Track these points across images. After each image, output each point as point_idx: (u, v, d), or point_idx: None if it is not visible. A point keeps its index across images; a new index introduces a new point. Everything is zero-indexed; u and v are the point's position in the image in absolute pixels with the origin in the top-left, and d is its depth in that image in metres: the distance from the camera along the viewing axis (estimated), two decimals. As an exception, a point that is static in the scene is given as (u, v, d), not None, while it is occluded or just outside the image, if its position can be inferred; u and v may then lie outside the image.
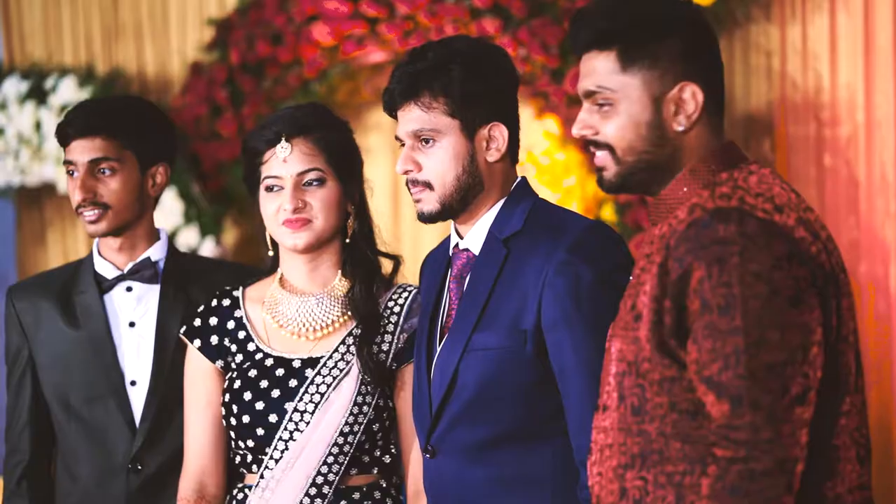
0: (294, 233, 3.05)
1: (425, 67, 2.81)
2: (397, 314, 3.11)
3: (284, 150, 3.06)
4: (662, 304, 2.29)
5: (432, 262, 3.06)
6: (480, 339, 2.79)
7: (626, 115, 2.37)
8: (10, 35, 7.19)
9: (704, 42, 2.43)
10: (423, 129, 2.81)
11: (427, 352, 2.91)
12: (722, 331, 2.20)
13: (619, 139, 2.39)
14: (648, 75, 2.37)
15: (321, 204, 3.07)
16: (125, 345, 3.43)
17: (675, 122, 2.38)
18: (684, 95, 2.38)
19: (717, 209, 2.27)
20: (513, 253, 2.80)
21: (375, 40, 6.35)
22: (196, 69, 6.74)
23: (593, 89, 2.42)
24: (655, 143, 2.38)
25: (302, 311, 3.10)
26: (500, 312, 2.78)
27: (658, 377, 2.31)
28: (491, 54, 2.86)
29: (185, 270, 3.48)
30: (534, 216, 2.84)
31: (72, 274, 3.51)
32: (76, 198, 3.37)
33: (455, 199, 2.82)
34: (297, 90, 6.52)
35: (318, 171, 3.07)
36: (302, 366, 3.07)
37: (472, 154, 2.81)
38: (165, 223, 6.45)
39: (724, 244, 2.21)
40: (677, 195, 2.39)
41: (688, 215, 2.31)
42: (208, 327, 3.18)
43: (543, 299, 2.73)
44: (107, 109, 3.44)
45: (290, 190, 3.05)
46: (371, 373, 3.01)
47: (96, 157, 3.37)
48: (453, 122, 2.81)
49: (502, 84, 2.85)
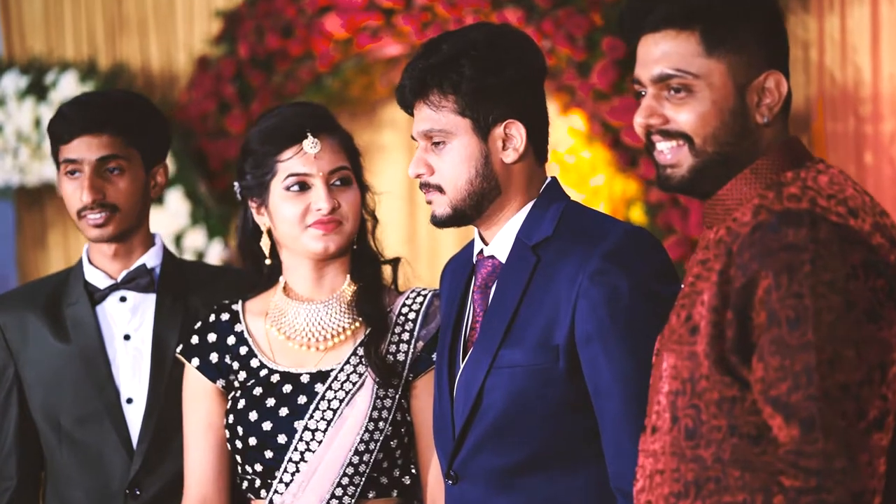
0: (325, 235, 2.99)
1: (436, 63, 2.73)
2: (413, 321, 3.05)
3: (314, 145, 3.00)
4: (723, 316, 2.21)
5: (454, 269, 2.97)
6: (508, 355, 2.71)
7: (710, 101, 2.28)
8: (9, 28, 7.26)
9: (782, 26, 2.35)
10: (433, 130, 2.76)
11: (449, 368, 2.83)
12: (791, 347, 2.13)
13: (700, 127, 2.29)
14: (735, 59, 2.28)
15: (350, 206, 3.02)
16: (120, 359, 3.35)
17: (757, 114, 2.29)
18: (768, 85, 2.29)
19: (785, 211, 2.19)
20: (543, 261, 2.72)
21: (391, 32, 6.36)
22: (203, 63, 6.78)
23: (670, 72, 2.29)
24: (738, 135, 2.30)
25: (310, 319, 3.05)
26: (530, 326, 2.70)
27: (717, 397, 2.23)
28: (509, 43, 2.76)
29: (184, 278, 3.41)
30: (565, 220, 2.76)
31: (60, 284, 3.42)
32: (84, 199, 3.28)
33: (468, 205, 2.76)
34: (308, 85, 6.58)
35: (346, 169, 3.03)
36: (311, 380, 3.00)
37: (486, 155, 2.74)
38: (171, 225, 6.50)
39: (794, 250, 2.14)
40: (737, 195, 2.30)
41: (752, 218, 2.22)
42: (207, 344, 3.11)
43: (577, 312, 2.65)
44: (110, 103, 3.35)
45: (323, 188, 2.98)
46: (382, 375, 2.96)
47: (105, 155, 3.29)
48: (464, 121, 2.74)
49: (519, 77, 2.75)
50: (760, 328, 2.17)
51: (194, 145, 6.62)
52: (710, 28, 2.29)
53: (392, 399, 2.99)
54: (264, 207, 3.05)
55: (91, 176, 3.28)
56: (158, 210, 6.39)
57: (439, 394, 2.85)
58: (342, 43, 6.49)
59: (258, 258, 3.12)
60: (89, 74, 6.76)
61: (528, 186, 2.79)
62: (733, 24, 2.28)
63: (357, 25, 6.39)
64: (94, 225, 3.31)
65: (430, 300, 3.07)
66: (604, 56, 5.98)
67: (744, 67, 2.28)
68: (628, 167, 5.96)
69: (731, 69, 2.28)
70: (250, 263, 3.14)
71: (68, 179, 3.34)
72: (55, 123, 3.33)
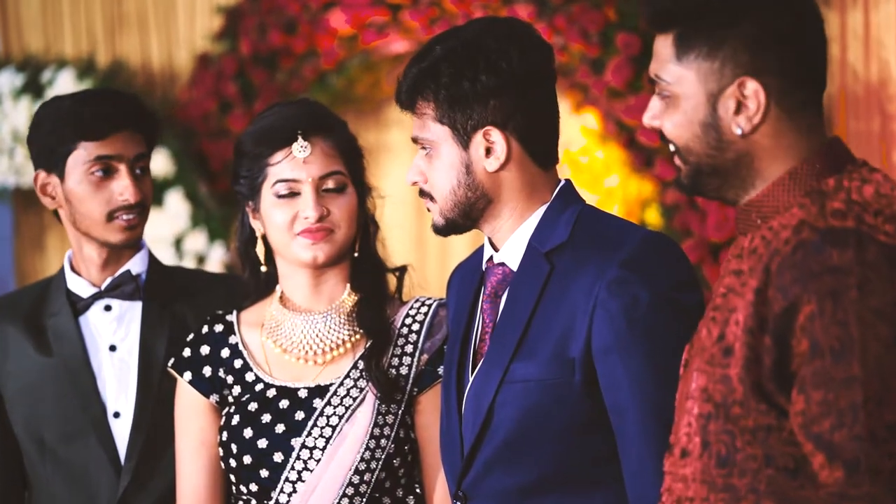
0: (314, 244, 2.95)
1: (421, 68, 2.71)
2: (417, 332, 3.02)
3: (304, 149, 2.95)
4: (760, 341, 2.12)
5: (462, 277, 2.92)
6: (520, 368, 2.66)
7: (681, 111, 2.24)
8: (6, 25, 7.23)
9: (788, 29, 2.20)
10: (419, 138, 2.74)
11: (457, 382, 2.78)
12: (836, 380, 2.05)
13: (676, 137, 2.26)
14: (706, 67, 2.20)
15: (343, 213, 2.98)
16: (105, 372, 3.30)
17: (734, 125, 2.21)
18: (746, 93, 2.20)
19: (829, 230, 2.10)
20: (557, 268, 2.67)
21: (398, 28, 6.36)
22: (204, 61, 6.76)
23: (653, 76, 2.27)
24: (715, 147, 2.23)
25: (308, 331, 3.02)
26: (544, 338, 2.65)
27: (752, 425, 2.15)
28: (496, 44, 2.70)
29: (171, 285, 3.37)
30: (581, 226, 2.71)
31: (41, 294, 3.38)
32: (127, 199, 3.22)
33: (456, 214, 2.74)
34: (313, 83, 6.57)
35: (340, 174, 2.98)
36: (309, 395, 2.97)
37: (467, 164, 2.70)
38: (171, 228, 6.45)
39: (839, 274, 2.06)
40: (772, 202, 2.22)
41: (794, 235, 2.14)
42: (199, 357, 3.07)
43: (594, 323, 2.59)
44: (132, 100, 3.31)
45: (311, 195, 2.94)
46: (384, 390, 2.93)
47: (140, 153, 3.26)
48: (443, 129, 2.71)
49: (498, 81, 2.68)
50: (802, 357, 2.09)
51: (195, 145, 6.60)
52: (683, 33, 2.21)
53: (395, 415, 2.96)
54: (257, 212, 3.03)
55: (130, 175, 3.23)
56: (158, 212, 6.36)
57: (447, 410, 2.80)
58: (347, 39, 6.48)
59: (256, 264, 3.09)
60: (87, 72, 6.76)
61: (531, 192, 2.73)
62: (710, 28, 2.19)
63: (363, 21, 6.39)
64: (128, 226, 3.25)
65: (436, 310, 3.04)
66: (618, 52, 5.99)
67: (715, 75, 2.19)
68: (643, 167, 5.96)
69: (701, 77, 2.20)
70: (248, 270, 3.11)
71: (94, 179, 3.25)
72: (81, 117, 3.23)
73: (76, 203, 3.26)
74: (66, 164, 3.25)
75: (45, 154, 3.28)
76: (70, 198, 3.27)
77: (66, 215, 3.31)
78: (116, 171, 3.25)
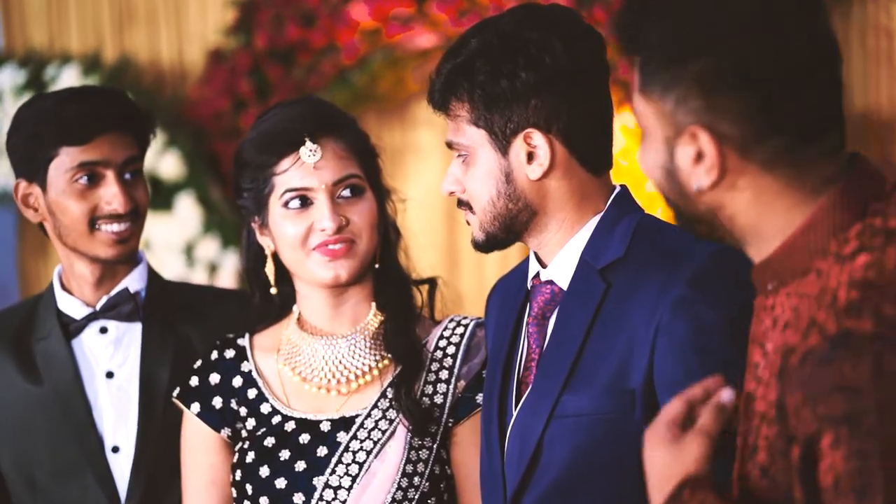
0: (333, 261, 2.87)
1: (455, 65, 2.64)
2: (452, 356, 2.94)
3: (313, 153, 2.86)
4: (789, 459, 1.97)
5: (504, 295, 2.83)
6: (572, 401, 2.59)
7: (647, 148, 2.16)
8: (9, 18, 7.23)
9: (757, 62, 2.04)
10: (453, 143, 2.69)
11: (499, 415, 2.71)
12: None
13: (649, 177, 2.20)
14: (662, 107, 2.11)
15: (364, 220, 2.89)
16: (102, 401, 3.22)
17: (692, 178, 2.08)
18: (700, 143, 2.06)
19: (842, 335, 1.89)
20: (614, 287, 2.60)
21: (424, 21, 6.37)
22: (216, 57, 6.75)
23: None
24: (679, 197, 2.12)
25: (330, 357, 2.94)
26: (599, 366, 2.58)
27: None
28: (538, 35, 2.63)
29: (174, 303, 3.29)
30: (640, 238, 2.64)
31: (28, 315, 3.30)
32: (114, 207, 3.13)
33: (497, 228, 2.67)
34: (332, 80, 6.53)
35: (356, 177, 2.89)
36: (332, 428, 2.89)
37: (507, 172, 2.63)
38: (181, 234, 6.44)
39: (853, 394, 1.87)
40: (788, 264, 2.05)
41: (802, 338, 1.96)
42: (208, 387, 3.00)
43: (657, 349, 2.52)
44: (118, 97, 3.24)
45: (326, 204, 2.85)
46: (417, 422, 2.86)
47: (130, 157, 3.17)
48: (479, 132, 2.64)
49: (540, 78, 2.60)
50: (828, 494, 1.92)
51: (207, 146, 6.59)
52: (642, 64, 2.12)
53: (429, 450, 2.88)
54: (265, 228, 2.94)
55: (119, 181, 3.14)
56: (167, 217, 6.43)
57: (487, 446, 2.74)
58: (369, 33, 6.49)
59: (266, 287, 3.02)
60: (93, 68, 6.74)
61: (581, 201, 2.67)
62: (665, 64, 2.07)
63: (386, 13, 6.40)
64: (118, 239, 3.15)
65: (473, 330, 2.96)
66: None
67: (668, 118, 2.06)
68: None
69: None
70: (258, 293, 3.03)
71: (79, 188, 3.16)
72: (61, 119, 3.14)
73: (59, 215, 3.16)
74: (47, 171, 3.16)
75: (25, 161, 3.19)
76: (53, 209, 3.17)
77: (52, 229, 3.21)
78: (103, 177, 3.15)
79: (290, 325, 2.99)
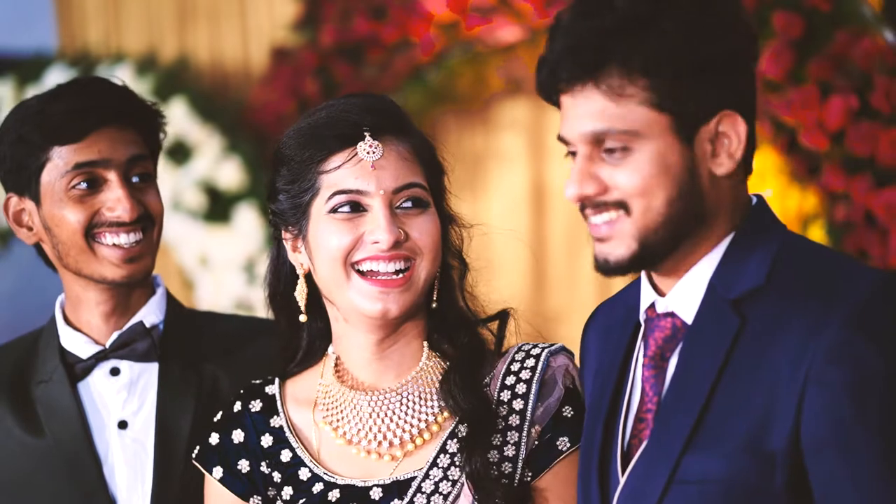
0: (385, 293, 2.62)
1: (614, 25, 2.32)
2: (523, 396, 2.70)
3: (373, 151, 2.61)
4: None
5: (607, 327, 2.65)
6: (697, 463, 2.40)
7: None
8: (66, 16, 7.27)
9: None
10: (610, 131, 2.36)
11: (599, 477, 2.52)
12: None
13: None
14: None
15: (426, 238, 2.64)
16: (114, 456, 3.06)
17: None
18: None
19: None
20: (750, 324, 2.41)
21: (507, 12, 6.32)
22: (280, 55, 6.78)
23: None
24: None
25: (378, 414, 2.71)
26: (731, 421, 2.40)
27: None
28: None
29: (199, 337, 3.11)
30: (784, 263, 2.44)
31: (26, 354, 3.14)
32: (120, 213, 2.95)
33: (663, 238, 2.40)
34: (406, 79, 6.53)
35: (420, 187, 2.64)
36: (385, 496, 2.69)
37: (691, 167, 2.39)
38: (240, 250, 6.28)
39: None
40: None
41: None
42: (232, 446, 2.78)
43: (806, 403, 2.34)
44: (115, 88, 3.07)
45: (383, 212, 2.60)
46: (485, 486, 2.62)
47: (135, 155, 2.99)
48: (660, 117, 2.36)
49: (740, 47, 2.40)
50: None
51: (270, 152, 6.44)
52: None
53: None
54: (301, 240, 2.69)
55: (123, 183, 2.97)
56: (225, 231, 6.29)
57: None
58: (447, 27, 6.47)
59: (295, 314, 2.75)
60: (147, 68, 6.80)
61: (734, 211, 2.47)
62: None
63: (465, 5, 6.39)
64: (126, 256, 2.98)
65: (546, 361, 2.71)
66: (775, 36, 5.77)
67: None
68: (806, 176, 5.76)
69: None
70: (285, 321, 2.78)
71: (77, 195, 2.99)
72: (48, 115, 2.97)
73: (56, 230, 2.98)
74: (39, 180, 2.99)
75: (13, 171, 3.02)
76: (49, 224, 3.00)
77: (50, 250, 3.03)
78: (105, 181, 2.97)
79: (325, 372, 2.75)
